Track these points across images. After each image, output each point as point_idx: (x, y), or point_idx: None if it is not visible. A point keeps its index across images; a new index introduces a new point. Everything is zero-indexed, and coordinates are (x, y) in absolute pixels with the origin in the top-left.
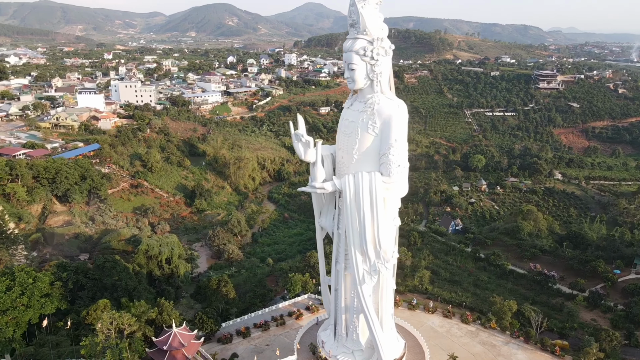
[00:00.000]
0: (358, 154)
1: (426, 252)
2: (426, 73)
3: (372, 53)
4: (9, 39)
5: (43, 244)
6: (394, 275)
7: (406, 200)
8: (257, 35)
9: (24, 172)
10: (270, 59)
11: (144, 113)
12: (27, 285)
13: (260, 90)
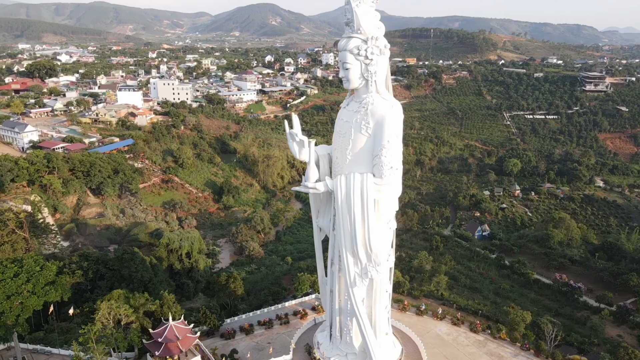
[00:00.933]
0: (351, 155)
1: (448, 257)
2: (465, 74)
3: (366, 52)
4: (64, 38)
5: (76, 234)
6: (390, 279)
7: (433, 203)
8: (299, 35)
9: (60, 165)
10: (308, 59)
11: (179, 110)
12: (33, 273)
13: (295, 89)
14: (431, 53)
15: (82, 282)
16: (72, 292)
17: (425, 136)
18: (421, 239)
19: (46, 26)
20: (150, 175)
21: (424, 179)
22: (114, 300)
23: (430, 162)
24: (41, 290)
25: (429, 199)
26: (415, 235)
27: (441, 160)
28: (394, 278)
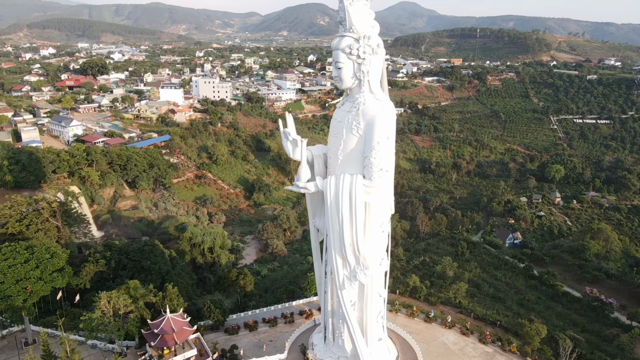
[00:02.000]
0: (342, 155)
1: (473, 264)
2: (512, 75)
3: (358, 51)
4: (121, 38)
5: (111, 225)
6: (386, 284)
7: (466, 208)
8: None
9: (98, 158)
10: None
11: (218, 108)
12: (42, 260)
13: (335, 88)
14: (479, 54)
15: (105, 271)
16: (96, 280)
17: (464, 139)
18: (448, 244)
19: (105, 26)
20: (184, 170)
21: (460, 183)
22: (132, 289)
23: (467, 166)
24: (48, 276)
25: (462, 204)
26: (442, 240)
27: (480, 164)
28: (411, 283)
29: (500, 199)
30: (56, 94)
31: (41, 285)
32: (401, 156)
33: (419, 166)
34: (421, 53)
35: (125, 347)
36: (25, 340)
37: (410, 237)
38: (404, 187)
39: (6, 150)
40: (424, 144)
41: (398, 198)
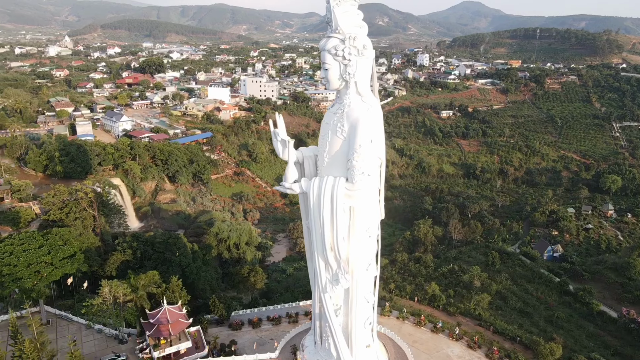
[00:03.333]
0: (328, 158)
1: (504, 275)
2: (574, 78)
3: (343, 52)
4: (185, 38)
5: (151, 217)
6: (375, 290)
7: (506, 216)
8: (405, 35)
9: (141, 153)
10: (403, 59)
11: (262, 107)
12: (55, 247)
13: (383, 90)
14: (542, 55)
15: (130, 260)
16: (122, 268)
17: (514, 144)
18: (481, 253)
19: (170, 27)
20: (224, 167)
21: (504, 190)
22: (149, 279)
23: (515, 173)
24: (59, 262)
25: (503, 212)
26: (475, 248)
27: (529, 171)
28: (430, 291)
29: (544, 208)
30: (115, 91)
31: (51, 270)
32: (445, 160)
33: (463, 171)
34: (479, 54)
35: (127, 335)
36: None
37: (441, 244)
38: (442, 192)
39: (58, 143)
40: (471, 149)
41: (435, 203)
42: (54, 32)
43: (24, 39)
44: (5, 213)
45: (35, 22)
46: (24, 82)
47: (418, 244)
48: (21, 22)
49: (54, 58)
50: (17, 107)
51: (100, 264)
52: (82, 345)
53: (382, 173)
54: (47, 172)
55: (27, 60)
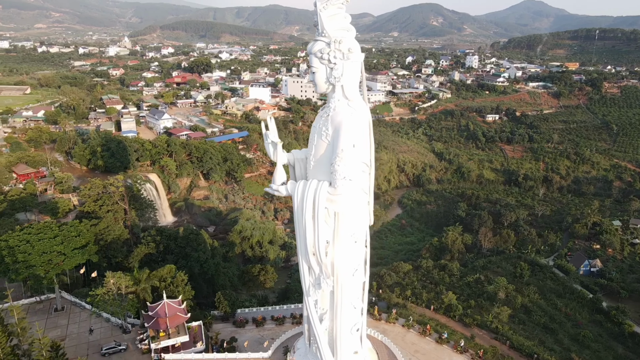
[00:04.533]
0: (314, 161)
1: (533, 288)
2: (635, 82)
3: (328, 56)
4: (237, 38)
5: (184, 212)
6: (364, 295)
7: (544, 227)
8: (460, 36)
9: (177, 150)
10: (451, 61)
11: (301, 107)
12: (67, 237)
13: (427, 92)
14: (605, 57)
15: (153, 253)
16: (145, 261)
17: (562, 151)
18: (511, 264)
19: (224, 27)
20: (258, 165)
21: (547, 199)
22: (165, 272)
23: (561, 181)
24: (70, 252)
25: (542, 222)
26: (506, 258)
27: (577, 180)
28: (446, 300)
29: (587, 219)
30: (163, 90)
31: (63, 259)
32: (486, 165)
33: (505, 178)
34: (535, 56)
35: (131, 325)
36: (55, 306)
37: (470, 252)
38: (479, 198)
39: (101, 138)
40: (514, 154)
41: (470, 209)
42: (117, 33)
43: (90, 40)
44: (46, 203)
45: (102, 24)
46: (82, 80)
47: (445, 251)
48: (89, 24)
49: (112, 58)
50: (71, 104)
51: (125, 255)
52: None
53: (371, 179)
54: (90, 165)
55: (88, 59)
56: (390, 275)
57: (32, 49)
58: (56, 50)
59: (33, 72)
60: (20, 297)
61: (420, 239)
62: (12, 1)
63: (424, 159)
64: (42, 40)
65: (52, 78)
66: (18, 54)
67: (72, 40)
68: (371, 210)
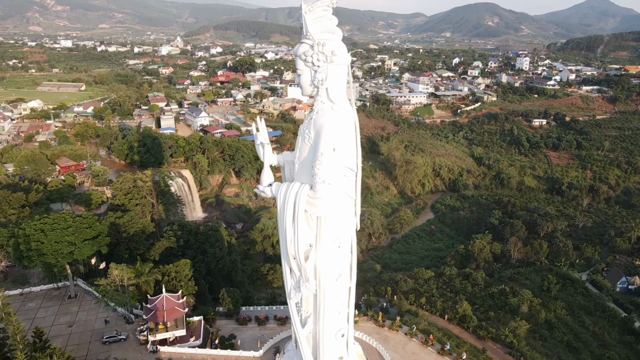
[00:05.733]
0: (298, 164)
1: (560, 303)
2: None
3: (312, 58)
4: (287, 38)
5: (215, 208)
6: (349, 301)
7: (584, 239)
8: (516, 37)
9: (209, 147)
10: (500, 62)
11: None
12: (79, 229)
13: (471, 94)
14: None
15: (174, 247)
16: (166, 254)
17: (613, 160)
18: (540, 277)
19: (275, 27)
20: None
21: (591, 210)
22: (180, 267)
23: (609, 191)
24: (81, 243)
25: (582, 234)
26: (536, 270)
27: (627, 190)
28: (461, 310)
29: (630, 233)
30: (207, 88)
31: (73, 249)
32: (528, 172)
33: (547, 185)
34: (595, 58)
35: (134, 316)
36: (69, 294)
37: (498, 262)
38: (515, 206)
39: (138, 134)
40: (560, 161)
41: (504, 217)
42: (174, 32)
43: (148, 39)
44: (81, 195)
45: (160, 24)
46: (133, 78)
47: (470, 259)
48: (148, 24)
49: (164, 57)
50: (118, 101)
51: (147, 247)
52: (96, 320)
53: (358, 184)
54: (127, 160)
55: (142, 58)
56: (406, 281)
57: (92, 48)
58: (114, 49)
59: (90, 70)
60: (39, 284)
61: (449, 245)
62: (80, 3)
63: (462, 163)
64: (102, 40)
65: (105, 76)
66: (79, 53)
67: (131, 39)
68: (358, 215)
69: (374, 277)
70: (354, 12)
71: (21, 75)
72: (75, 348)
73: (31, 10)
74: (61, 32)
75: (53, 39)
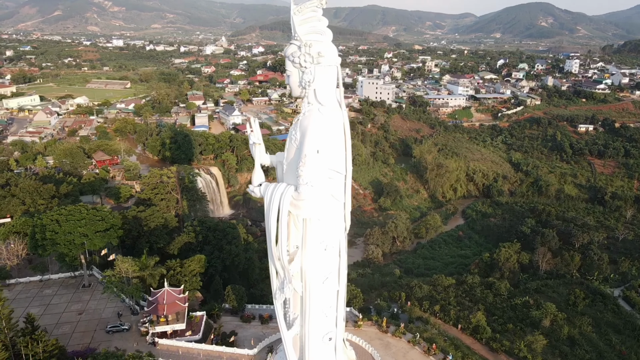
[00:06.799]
0: (286, 165)
1: (586, 319)
2: None
3: (299, 59)
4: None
5: (242, 206)
6: (337, 305)
7: (623, 252)
8: (571, 38)
9: (239, 145)
10: (548, 65)
11: (372, 109)
12: (92, 221)
13: (514, 98)
14: None
15: (193, 242)
16: (185, 249)
17: None
18: (569, 290)
19: None
20: None
21: (635, 222)
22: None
23: None
24: (93, 235)
25: (621, 247)
26: (565, 283)
27: None
28: (474, 321)
29: None
30: (246, 87)
31: (85, 240)
32: (569, 180)
33: (589, 195)
34: None
35: (139, 308)
36: (83, 283)
37: (525, 272)
38: (550, 215)
39: (171, 131)
40: (605, 170)
41: (537, 226)
42: (221, 32)
43: (197, 39)
44: (111, 188)
45: (209, 24)
46: (176, 76)
47: (495, 268)
48: (197, 24)
49: (208, 56)
50: (157, 99)
51: (167, 242)
52: (104, 310)
53: (348, 186)
54: (159, 156)
55: (187, 57)
56: (421, 287)
57: (141, 47)
58: (161, 48)
59: (137, 69)
60: (57, 272)
61: (476, 252)
62: (135, 3)
63: (498, 168)
64: (151, 40)
65: (150, 74)
66: (129, 52)
67: (180, 39)
68: (347, 217)
69: (392, 281)
70: (401, 13)
71: (74, 73)
72: (80, 335)
73: (90, 11)
74: (116, 31)
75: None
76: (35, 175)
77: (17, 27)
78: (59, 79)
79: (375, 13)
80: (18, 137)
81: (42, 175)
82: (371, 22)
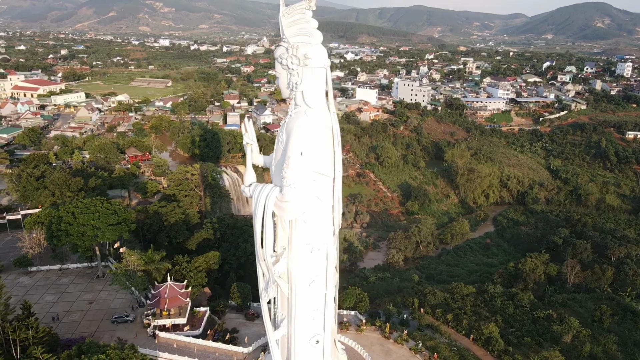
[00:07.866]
0: (274, 166)
1: (611, 337)
2: None
3: (287, 61)
4: (374, 39)
5: None
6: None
7: None
8: (629, 39)
9: (266, 145)
10: (598, 68)
11: (405, 111)
12: (105, 214)
13: (557, 102)
14: None
15: (211, 239)
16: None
17: None
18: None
19: (363, 28)
20: (348, 167)
21: None
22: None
23: None
24: (105, 228)
25: None
26: (595, 298)
27: None
28: (486, 332)
29: None
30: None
31: (97, 232)
32: (611, 189)
33: (632, 206)
34: None
35: (146, 300)
36: (98, 274)
37: (552, 285)
38: (587, 225)
39: (201, 129)
40: None
41: (571, 237)
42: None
43: (241, 39)
44: (140, 184)
45: (254, 24)
46: (215, 76)
47: (519, 278)
48: (243, 24)
49: (249, 56)
50: (194, 97)
51: (186, 237)
52: (113, 300)
53: (337, 189)
54: (189, 153)
55: (229, 57)
56: (435, 294)
57: (186, 47)
58: (205, 48)
59: (180, 68)
60: (76, 262)
61: (503, 261)
62: (184, 4)
63: (534, 175)
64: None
65: (191, 73)
66: (174, 51)
67: (225, 39)
68: (337, 220)
69: (409, 287)
70: (448, 13)
71: (121, 71)
72: (87, 323)
73: (142, 12)
74: (166, 32)
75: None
76: (70, 168)
77: (75, 27)
78: (106, 77)
79: (420, 13)
80: (60, 132)
81: (75, 169)
82: (416, 22)
